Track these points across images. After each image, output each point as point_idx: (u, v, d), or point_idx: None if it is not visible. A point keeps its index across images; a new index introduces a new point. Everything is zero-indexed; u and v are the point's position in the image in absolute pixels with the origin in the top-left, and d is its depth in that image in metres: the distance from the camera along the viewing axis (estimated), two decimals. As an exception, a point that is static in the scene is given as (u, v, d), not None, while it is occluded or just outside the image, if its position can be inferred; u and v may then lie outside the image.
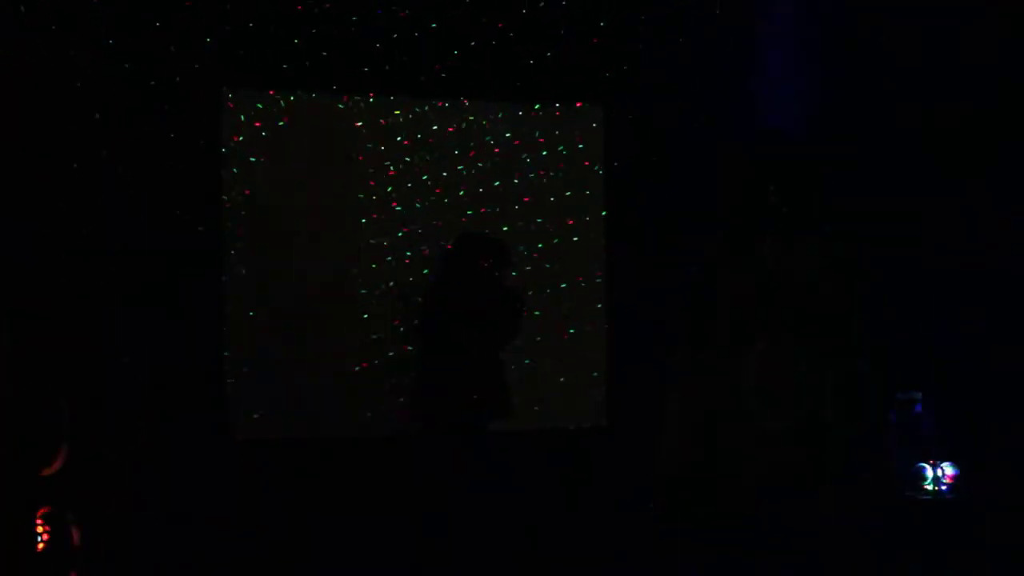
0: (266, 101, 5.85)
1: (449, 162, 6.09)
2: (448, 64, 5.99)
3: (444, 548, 5.17)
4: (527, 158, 6.22)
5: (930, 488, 5.37)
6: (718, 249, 3.05)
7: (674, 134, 6.27)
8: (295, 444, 5.78)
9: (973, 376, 5.76)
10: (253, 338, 5.78)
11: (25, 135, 5.36)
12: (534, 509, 5.73)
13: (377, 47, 5.90)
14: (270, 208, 5.83)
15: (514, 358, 5.72)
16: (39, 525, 4.42)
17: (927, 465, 5.41)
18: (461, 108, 6.12)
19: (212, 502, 5.51)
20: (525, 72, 6.11)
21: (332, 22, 5.80)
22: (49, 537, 4.45)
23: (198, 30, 5.62)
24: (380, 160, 6.00)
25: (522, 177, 6.21)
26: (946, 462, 5.40)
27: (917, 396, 5.55)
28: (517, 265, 5.73)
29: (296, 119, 5.89)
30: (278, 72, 5.79)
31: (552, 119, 6.27)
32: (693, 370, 3.02)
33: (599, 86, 6.26)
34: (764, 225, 3.00)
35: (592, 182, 6.34)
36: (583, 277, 6.31)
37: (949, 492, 5.36)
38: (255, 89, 5.83)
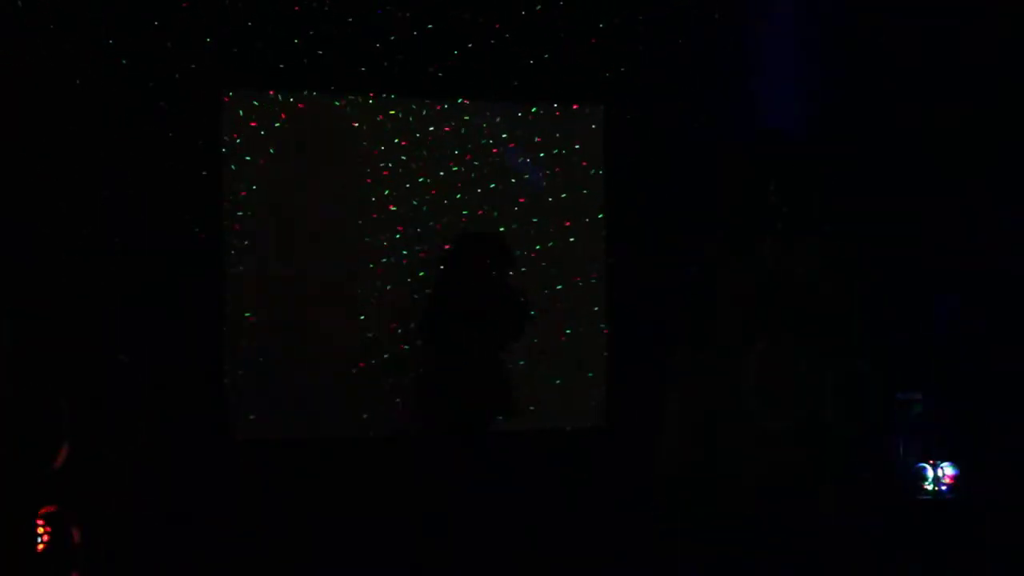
0: (266, 101, 5.85)
1: (449, 162, 6.09)
2: (448, 64, 5.99)
3: (444, 548, 5.17)
4: (527, 158, 6.22)
5: (930, 488, 5.37)
6: (718, 249, 3.05)
7: (674, 134, 6.27)
8: (295, 444, 5.78)
9: (973, 376, 5.76)
10: (253, 338, 5.77)
11: (25, 135, 5.36)
12: (534, 509, 5.73)
13: (377, 47, 5.90)
14: (270, 208, 5.83)
15: (514, 358, 5.72)
16: (40, 526, 4.42)
17: (927, 465, 5.41)
18: (461, 108, 6.12)
19: (212, 502, 5.51)
20: (525, 72, 6.11)
21: (332, 22, 5.80)
22: (49, 537, 4.45)
23: (198, 30, 5.63)
24: (379, 160, 6.00)
25: (522, 177, 6.21)
26: (946, 462, 5.40)
27: (917, 396, 5.54)
28: (518, 265, 5.71)
29: (295, 119, 5.89)
30: (278, 72, 5.79)
31: (552, 119, 6.27)
32: (693, 370, 3.02)
33: (599, 86, 6.26)
34: (764, 225, 3.00)
35: (592, 182, 6.33)
36: (583, 277, 6.31)
37: (949, 492, 5.36)
38: (255, 89, 5.83)
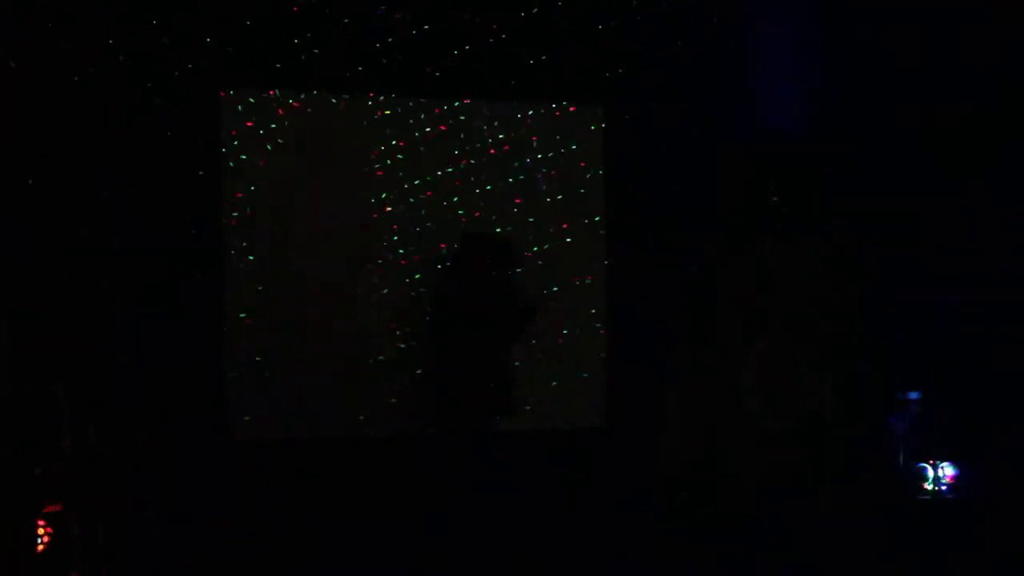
0: (265, 100, 5.85)
1: (448, 162, 6.09)
2: (447, 64, 5.99)
3: (444, 548, 5.17)
4: (527, 158, 6.22)
5: (930, 488, 5.37)
6: (718, 249, 3.05)
7: (674, 134, 6.27)
8: (295, 444, 5.78)
9: (973, 376, 5.76)
10: (253, 338, 5.78)
11: (25, 135, 5.36)
12: (534, 509, 5.73)
13: (376, 47, 5.90)
14: (270, 208, 5.83)
15: (514, 358, 5.72)
16: (40, 527, 4.42)
17: (927, 465, 5.41)
18: (460, 108, 6.12)
19: (212, 502, 5.51)
20: (524, 72, 6.11)
21: (332, 22, 5.80)
22: (50, 538, 4.45)
23: (198, 30, 5.63)
24: (380, 160, 6.00)
25: (522, 177, 6.21)
26: (946, 462, 5.40)
27: (917, 396, 5.54)
28: (521, 265, 5.71)
29: (295, 119, 5.88)
30: (277, 72, 5.79)
31: (552, 119, 6.27)
32: (693, 370, 3.02)
33: (599, 86, 6.26)
34: (764, 225, 3.00)
35: (592, 183, 6.33)
36: (583, 277, 6.31)
37: (949, 492, 5.35)
38: (254, 88, 5.83)
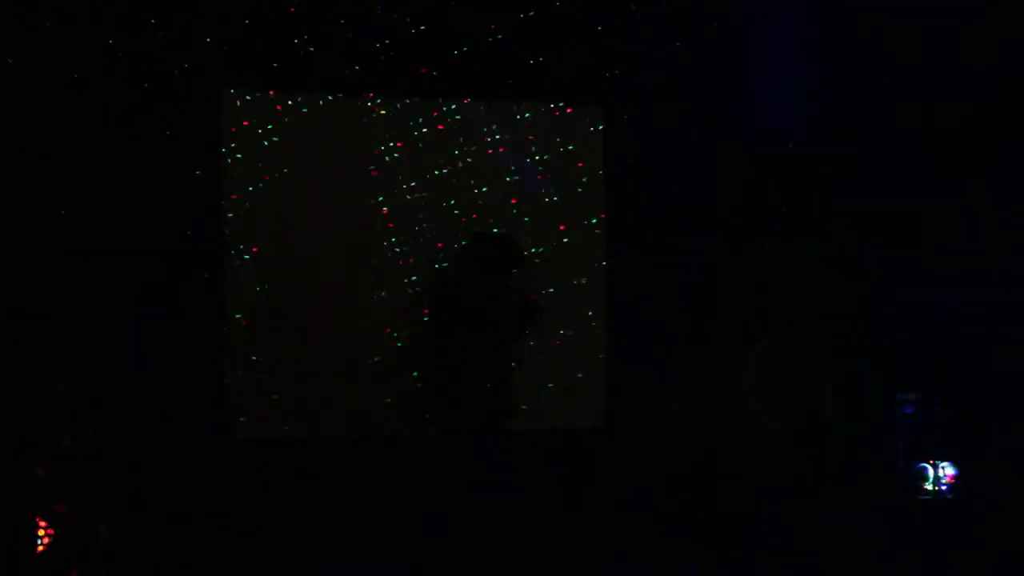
0: (266, 101, 5.85)
1: (448, 162, 6.08)
2: (447, 64, 5.99)
3: (444, 548, 5.17)
4: (527, 158, 6.22)
5: (930, 488, 5.37)
6: (718, 249, 3.05)
7: (674, 134, 6.27)
8: (295, 444, 5.78)
9: (973, 376, 5.76)
10: (253, 338, 5.78)
11: (25, 135, 5.36)
12: (534, 509, 5.73)
13: (376, 47, 5.90)
14: (270, 208, 5.83)
15: (514, 358, 5.71)
16: (40, 527, 4.42)
17: (927, 465, 5.41)
18: (460, 108, 6.12)
19: (212, 502, 5.51)
20: (524, 72, 6.11)
21: (332, 22, 5.80)
22: (50, 538, 4.45)
23: (198, 30, 5.63)
24: (380, 160, 6.00)
25: (523, 181, 6.21)
26: (946, 462, 5.40)
27: (916, 396, 5.54)
28: (525, 266, 5.70)
29: (296, 119, 5.88)
30: (278, 72, 5.79)
31: (551, 120, 6.27)
32: (693, 370, 3.02)
33: (599, 86, 6.26)
34: (764, 225, 3.00)
35: (592, 182, 6.33)
36: (583, 277, 6.30)
37: (949, 492, 5.35)
38: (255, 89, 5.83)
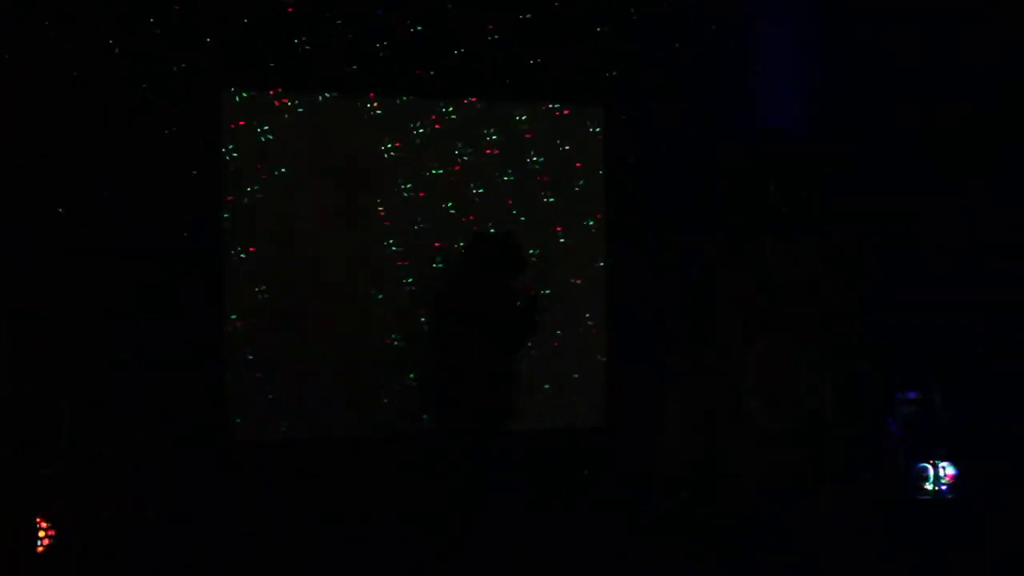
0: (266, 101, 5.85)
1: (448, 162, 6.09)
2: (447, 64, 5.99)
3: (444, 548, 5.17)
4: (527, 159, 6.22)
5: (930, 488, 5.37)
6: (718, 249, 3.05)
7: (674, 134, 6.28)
8: (295, 444, 5.79)
9: (973, 376, 5.76)
10: (253, 338, 5.78)
11: (25, 135, 5.36)
12: (534, 509, 5.73)
13: (376, 47, 5.90)
14: (269, 208, 5.83)
15: (514, 358, 5.70)
16: (40, 527, 4.42)
17: (927, 465, 5.41)
18: (461, 108, 6.12)
19: (212, 502, 5.51)
20: (524, 73, 6.11)
21: (331, 22, 5.80)
22: (50, 538, 4.45)
23: (198, 30, 5.63)
24: (380, 160, 6.01)
25: (522, 177, 6.21)
26: (946, 462, 5.40)
27: (915, 396, 5.54)
28: (527, 267, 5.69)
29: (295, 119, 5.89)
30: (278, 72, 5.79)
31: (552, 120, 6.27)
32: (693, 370, 3.02)
33: (599, 86, 6.26)
34: (764, 225, 3.00)
35: (592, 183, 6.33)
36: (583, 277, 6.31)
37: (949, 492, 5.35)
38: (255, 89, 5.83)
